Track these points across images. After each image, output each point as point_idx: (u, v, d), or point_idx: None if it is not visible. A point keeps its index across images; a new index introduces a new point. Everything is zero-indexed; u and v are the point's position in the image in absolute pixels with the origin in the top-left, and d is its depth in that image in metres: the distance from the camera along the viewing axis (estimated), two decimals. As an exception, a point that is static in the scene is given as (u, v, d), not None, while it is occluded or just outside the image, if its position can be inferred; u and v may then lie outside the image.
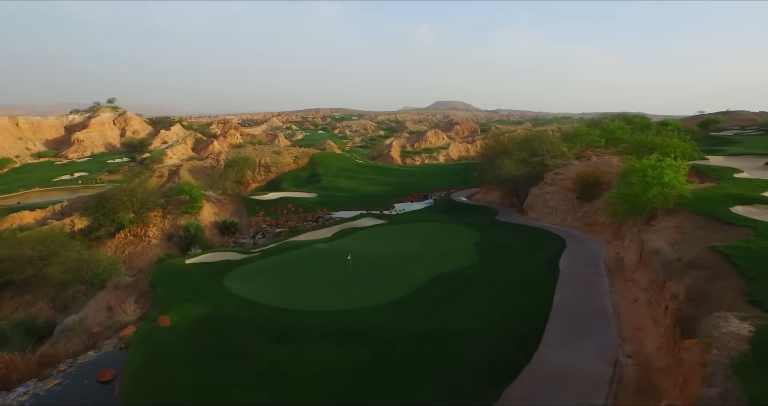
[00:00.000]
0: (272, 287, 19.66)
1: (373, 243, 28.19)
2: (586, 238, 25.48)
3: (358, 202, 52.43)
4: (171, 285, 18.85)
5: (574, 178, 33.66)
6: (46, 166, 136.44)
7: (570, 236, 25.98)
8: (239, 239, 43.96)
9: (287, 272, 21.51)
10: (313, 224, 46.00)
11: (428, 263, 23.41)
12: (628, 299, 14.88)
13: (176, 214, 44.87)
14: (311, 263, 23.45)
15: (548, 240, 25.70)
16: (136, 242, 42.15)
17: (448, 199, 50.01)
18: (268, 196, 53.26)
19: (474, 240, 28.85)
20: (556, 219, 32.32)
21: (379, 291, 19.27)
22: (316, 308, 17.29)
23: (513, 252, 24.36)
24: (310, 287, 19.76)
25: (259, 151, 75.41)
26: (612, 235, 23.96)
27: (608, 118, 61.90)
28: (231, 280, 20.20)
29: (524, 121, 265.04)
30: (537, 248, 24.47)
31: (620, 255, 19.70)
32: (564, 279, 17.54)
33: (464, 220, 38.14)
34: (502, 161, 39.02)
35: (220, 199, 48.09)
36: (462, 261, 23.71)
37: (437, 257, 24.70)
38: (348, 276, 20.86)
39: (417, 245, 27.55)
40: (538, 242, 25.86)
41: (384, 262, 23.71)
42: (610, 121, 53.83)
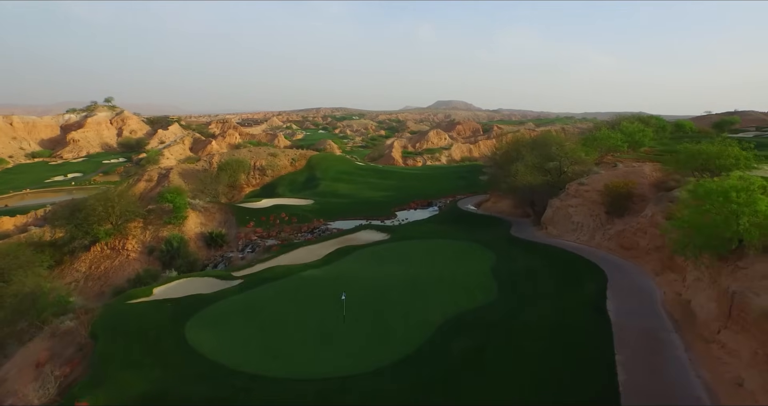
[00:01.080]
0: (245, 338, 15.44)
1: (372, 268, 23.97)
2: (628, 267, 21.20)
3: (358, 210, 48.17)
4: (117, 337, 14.67)
5: (601, 189, 29.38)
6: (40, 167, 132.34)
7: (607, 264, 21.72)
8: (227, 253, 39.76)
9: (267, 314, 17.29)
10: (307, 235, 41.77)
11: (440, 299, 19.20)
12: (726, 379, 10.65)
13: (158, 225, 40.66)
14: (297, 299, 19.22)
15: (582, 268, 21.45)
16: (113, 256, 37.96)
17: (454, 208, 45.73)
18: (260, 204, 49.00)
19: (490, 263, 24.60)
20: (582, 237, 28.05)
21: (381, 345, 15.07)
22: (298, 373, 13.09)
23: (541, 284, 20.11)
24: (292, 338, 15.52)
25: (254, 154, 71.11)
26: (660, 264, 19.70)
27: (626, 120, 57.53)
28: (195, 327, 16.00)
29: (526, 121, 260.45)
30: (570, 279, 20.23)
31: (683, 298, 15.46)
32: (621, 336, 13.32)
33: (475, 235, 33.87)
34: (517, 169, 34.72)
35: (207, 208, 43.87)
36: (480, 295, 19.48)
37: (450, 288, 20.47)
38: (341, 321, 16.66)
39: (424, 271, 23.32)
40: (569, 270, 21.61)
41: (386, 296, 19.49)
42: (629, 123, 49.50)
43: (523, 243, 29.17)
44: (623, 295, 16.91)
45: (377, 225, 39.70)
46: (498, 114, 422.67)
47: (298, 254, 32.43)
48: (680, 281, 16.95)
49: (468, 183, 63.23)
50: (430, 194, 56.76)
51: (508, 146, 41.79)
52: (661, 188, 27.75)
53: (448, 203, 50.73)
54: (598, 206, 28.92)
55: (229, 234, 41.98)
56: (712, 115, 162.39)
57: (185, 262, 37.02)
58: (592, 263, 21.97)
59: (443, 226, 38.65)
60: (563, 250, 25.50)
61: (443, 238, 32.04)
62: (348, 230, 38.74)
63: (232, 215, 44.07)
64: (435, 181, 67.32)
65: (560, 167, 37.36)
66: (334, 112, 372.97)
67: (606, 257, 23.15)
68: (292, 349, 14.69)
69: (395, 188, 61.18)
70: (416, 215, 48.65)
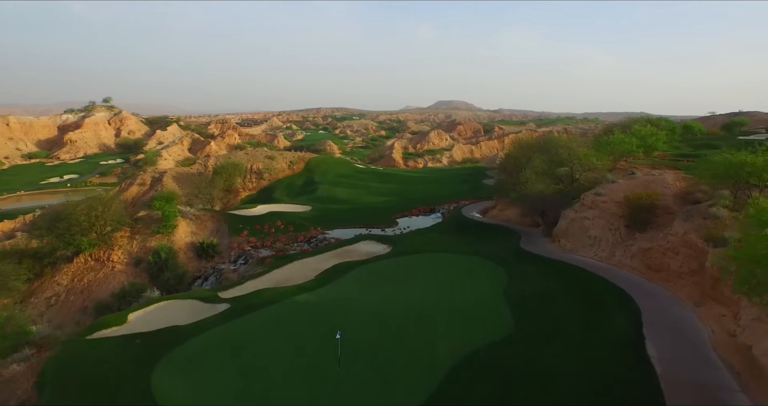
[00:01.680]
0: (222, 385, 12.99)
1: (372, 291, 21.50)
2: (659, 293, 18.72)
3: (357, 217, 45.72)
4: (67, 390, 12.24)
5: (620, 200, 26.90)
6: (36, 168, 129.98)
7: (635, 288, 19.25)
8: (218, 264, 37.31)
9: (250, 353, 14.81)
10: (304, 246, 39.33)
11: (449, 332, 16.74)
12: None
13: (146, 234, 38.22)
14: (286, 333, 16.75)
15: (607, 294, 18.98)
16: (97, 268, 35.51)
17: (459, 216, 43.24)
18: (254, 211, 46.53)
19: (502, 284, 22.13)
20: (600, 253, 25.57)
21: (383, 396, 12.63)
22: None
23: (562, 313, 17.64)
24: (277, 386, 13.06)
25: (251, 156, 68.63)
26: (698, 292, 17.24)
27: (638, 122, 55.01)
28: (165, 372, 13.53)
29: (527, 121, 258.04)
30: (595, 307, 17.75)
31: (740, 341, 12.99)
32: (674, 396, 10.87)
33: (483, 247, 31.40)
34: (527, 177, 32.22)
35: (198, 216, 41.40)
36: (494, 327, 17.00)
37: (460, 318, 18.00)
38: (336, 363, 14.20)
39: (430, 295, 20.85)
40: (593, 295, 19.13)
41: (388, 329, 17.03)
42: (641, 126, 46.94)
43: (535, 259, 26.68)
44: (663, 333, 14.44)
45: (377, 235, 37.24)
46: (499, 114, 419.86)
47: (293, 268, 30.01)
48: (730, 316, 14.49)
49: (471, 187, 60.78)
50: (432, 199, 54.31)
51: (516, 150, 39.19)
52: (687, 200, 25.32)
53: (452, 210, 48.24)
54: (617, 219, 26.44)
55: (221, 244, 39.54)
56: (716, 115, 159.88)
57: (173, 275, 34.60)
58: (618, 288, 19.49)
59: (448, 236, 36.17)
60: (582, 269, 23.02)
61: (448, 251, 29.55)
62: (347, 241, 36.29)
63: (224, 223, 41.60)
64: (437, 185, 64.86)
65: (572, 174, 34.94)
66: (334, 113, 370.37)
67: (632, 279, 20.68)
68: (277, 400, 12.24)
69: (396, 193, 58.72)
70: (418, 222, 46.19)
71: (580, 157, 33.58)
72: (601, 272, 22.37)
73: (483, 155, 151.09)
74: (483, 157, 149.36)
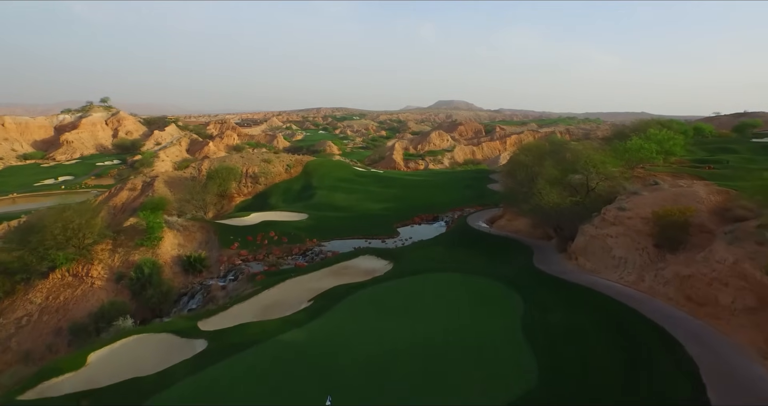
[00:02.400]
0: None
1: (371, 324, 18.61)
2: (709, 335, 15.76)
3: (356, 226, 42.84)
4: None
5: (647, 216, 23.99)
6: (31, 169, 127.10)
7: (679, 326, 16.33)
8: (206, 280, 34.44)
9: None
10: (299, 259, 36.45)
11: (463, 385, 13.89)
12: None
13: (130, 247, 35.32)
14: (270, 385, 13.87)
15: (645, 334, 16.05)
16: (75, 284, 32.65)
17: (465, 226, 40.34)
18: (247, 220, 43.61)
19: (519, 316, 19.22)
20: (627, 276, 22.67)
21: None
22: None
23: (596, 360, 14.75)
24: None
25: (247, 160, 65.69)
26: (764, 338, 14.35)
27: (650, 125, 52.03)
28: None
29: (528, 121, 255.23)
30: (634, 352, 14.85)
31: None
32: None
33: (493, 265, 28.55)
34: (541, 188, 29.28)
35: (186, 227, 38.48)
36: (515, 379, 14.14)
37: (473, 363, 15.12)
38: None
39: (438, 330, 17.97)
40: (628, 335, 16.21)
41: (389, 378, 14.16)
42: (656, 129, 43.92)
43: (553, 281, 23.77)
44: (735, 400, 11.51)
45: (377, 249, 34.35)
46: (500, 114, 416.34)
47: (285, 289, 27.18)
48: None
49: (476, 193, 57.86)
50: (435, 206, 51.42)
51: (526, 157, 36.18)
52: (726, 218, 22.40)
53: (456, 219, 45.35)
54: (645, 238, 23.53)
55: (211, 257, 36.65)
56: (721, 116, 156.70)
57: (157, 292, 31.69)
58: (657, 326, 16.58)
59: (453, 250, 33.28)
60: (610, 298, 20.09)
61: (456, 270, 26.64)
62: (344, 255, 33.41)
63: (214, 234, 38.69)
64: (440, 189, 61.92)
65: (587, 183, 31.98)
66: (334, 113, 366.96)
67: (672, 314, 17.75)
68: None
69: (397, 199, 55.80)
70: (421, 231, 43.34)
71: (597, 164, 30.60)
72: (633, 302, 19.46)
73: (485, 156, 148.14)
74: (485, 158, 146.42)
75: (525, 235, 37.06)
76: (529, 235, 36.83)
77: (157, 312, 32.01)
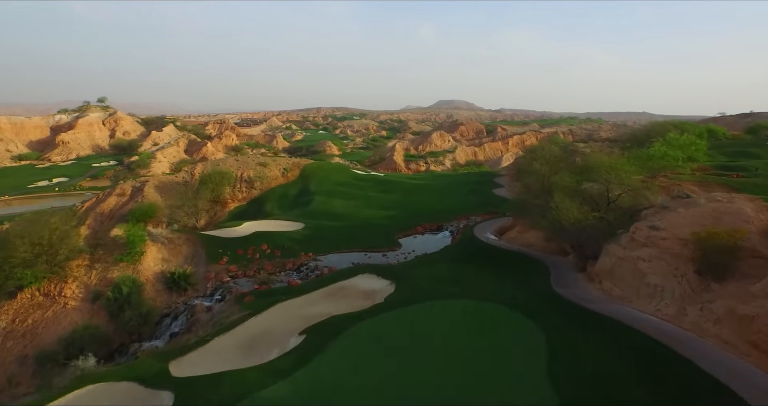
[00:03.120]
0: None
1: (369, 373, 15.53)
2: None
3: (355, 237, 39.74)
4: None
5: (685, 237, 20.89)
6: (26, 170, 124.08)
7: (749, 385, 13.22)
8: (191, 299, 31.36)
9: None
10: (292, 275, 33.39)
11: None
12: None
13: (108, 262, 32.23)
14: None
15: (707, 396, 13.00)
16: (46, 305, 29.58)
17: (471, 238, 37.20)
18: (238, 230, 40.49)
19: (544, 358, 16.14)
20: (665, 309, 19.55)
21: None
22: None
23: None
24: None
25: (242, 164, 62.55)
26: None
27: (665, 127, 48.93)
28: None
29: (530, 121, 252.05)
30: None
31: None
32: None
33: (506, 286, 25.43)
34: (560, 204, 26.12)
35: (171, 239, 35.37)
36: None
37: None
38: None
39: (450, 381, 14.91)
40: (685, 397, 13.16)
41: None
42: (677, 134, 40.73)
43: (579, 312, 20.64)
44: None
45: (377, 266, 31.21)
46: (500, 114, 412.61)
47: (274, 315, 24.14)
48: None
49: (481, 199, 54.72)
50: (439, 214, 48.29)
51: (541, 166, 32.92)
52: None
53: (462, 229, 42.21)
54: (684, 263, 20.41)
55: (197, 273, 33.58)
56: (727, 116, 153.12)
57: (136, 314, 28.55)
58: (721, 384, 13.49)
59: (461, 267, 30.16)
60: (651, 339, 16.97)
61: (466, 296, 23.52)
62: (342, 273, 30.35)
63: (202, 247, 35.60)
64: (443, 195, 58.78)
65: (607, 194, 28.82)
66: (334, 112, 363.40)
67: (735, 368, 14.56)
68: None
69: (399, 205, 52.69)
70: (425, 243, 40.27)
71: (619, 172, 27.42)
72: (678, 344, 16.34)
73: (487, 157, 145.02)
74: (487, 159, 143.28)
75: (538, 249, 33.96)
76: (543, 249, 33.72)
77: (135, 336, 28.99)
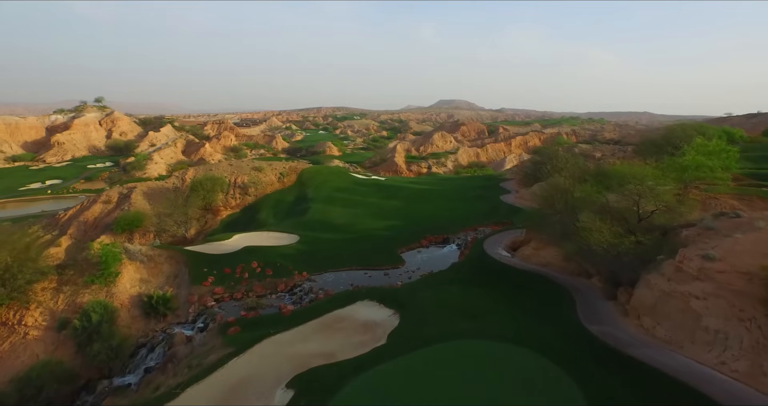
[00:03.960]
0: None
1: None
2: None
3: (354, 253, 36.07)
4: None
5: (750, 271, 17.24)
6: (19, 172, 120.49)
7: None
8: (171, 327, 27.75)
9: None
10: (284, 297, 29.78)
11: None
12: None
13: (79, 285, 28.57)
14: None
15: None
16: (3, 336, 25.97)
17: (482, 255, 33.48)
18: (227, 245, 36.79)
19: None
20: (733, 363, 15.89)
21: None
22: None
23: None
24: None
25: (236, 168, 58.87)
26: None
27: (688, 131, 45.21)
28: None
29: (531, 121, 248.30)
30: None
31: None
32: None
33: (529, 320, 21.80)
34: (589, 223, 22.44)
35: (151, 257, 31.68)
36: None
37: None
38: None
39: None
40: None
41: None
42: (704, 140, 36.92)
43: (620, 361, 16.96)
44: None
45: (379, 290, 27.54)
46: (501, 114, 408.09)
47: (259, 356, 20.52)
48: None
49: (489, 207, 51.03)
50: (444, 224, 44.59)
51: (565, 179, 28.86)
52: None
53: (471, 242, 38.58)
54: (752, 304, 16.71)
55: (179, 295, 29.95)
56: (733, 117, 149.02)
57: (105, 347, 24.84)
58: None
59: (474, 292, 26.52)
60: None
61: (484, 335, 19.86)
62: (339, 298, 26.76)
63: (185, 266, 31.94)
64: (448, 202, 55.09)
65: (638, 209, 25.12)
66: (335, 112, 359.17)
67: None
68: None
69: (401, 214, 49.01)
70: (430, 259, 36.66)
71: (658, 194, 23.70)
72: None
73: (490, 159, 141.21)
74: (490, 160, 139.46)
75: (556, 269, 30.29)
76: (562, 269, 30.04)
77: (106, 371, 25.39)
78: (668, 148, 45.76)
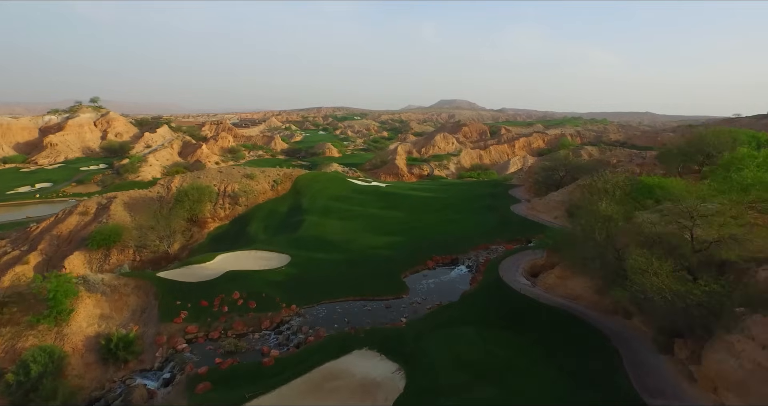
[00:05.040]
0: None
1: None
2: None
3: (352, 279, 31.29)
4: None
5: None
6: (9, 174, 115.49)
7: None
8: (132, 376, 22.96)
9: None
10: (269, 337, 25.02)
11: None
12: None
13: (21, 326, 23.83)
14: None
15: None
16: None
17: (499, 284, 28.66)
18: (207, 269, 31.91)
19: None
20: None
21: None
22: None
23: None
24: None
25: (226, 176, 54.06)
26: None
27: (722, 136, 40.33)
28: None
29: (533, 121, 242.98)
30: None
31: None
32: None
33: (568, 388, 17.07)
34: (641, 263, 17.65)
35: (116, 288, 26.85)
36: None
37: None
38: None
39: None
40: None
41: None
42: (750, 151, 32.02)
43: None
44: None
45: (380, 333, 22.80)
46: (503, 114, 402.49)
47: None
48: None
49: (499, 219, 46.20)
50: (452, 240, 39.71)
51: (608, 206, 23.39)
52: None
53: (483, 264, 33.82)
54: None
55: (145, 335, 25.16)
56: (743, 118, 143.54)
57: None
58: None
59: (495, 339, 21.74)
60: None
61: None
62: (332, 344, 22.03)
63: (155, 298, 27.15)
64: (455, 213, 50.27)
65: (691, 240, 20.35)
66: (335, 112, 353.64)
67: None
68: None
69: (404, 228, 44.18)
70: (438, 285, 31.91)
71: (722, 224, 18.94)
72: None
73: (493, 161, 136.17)
74: (493, 163, 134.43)
75: (587, 304, 25.54)
76: (594, 304, 25.27)
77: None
78: (699, 157, 40.97)
